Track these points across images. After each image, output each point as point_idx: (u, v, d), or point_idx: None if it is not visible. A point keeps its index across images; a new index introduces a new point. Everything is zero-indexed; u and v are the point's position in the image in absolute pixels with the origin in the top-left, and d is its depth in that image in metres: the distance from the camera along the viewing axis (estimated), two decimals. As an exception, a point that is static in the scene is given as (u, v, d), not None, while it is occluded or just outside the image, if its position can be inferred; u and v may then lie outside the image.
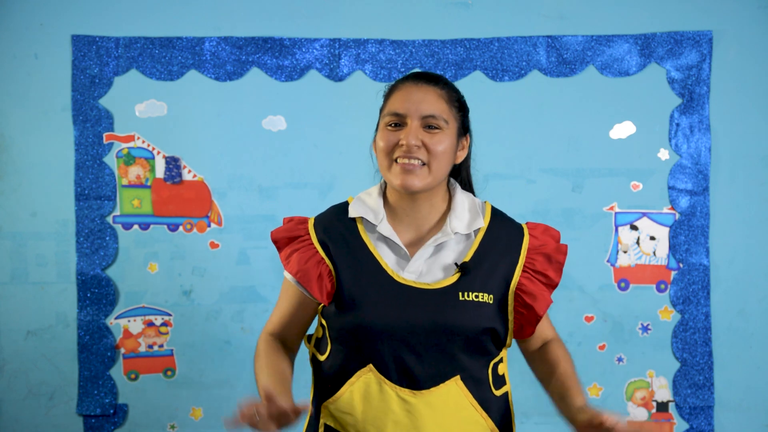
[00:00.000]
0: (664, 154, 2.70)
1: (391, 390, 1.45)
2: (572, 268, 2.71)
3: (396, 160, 1.45)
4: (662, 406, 2.72)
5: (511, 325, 1.50)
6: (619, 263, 2.71)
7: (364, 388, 1.47)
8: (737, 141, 2.70)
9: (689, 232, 2.69)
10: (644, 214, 2.71)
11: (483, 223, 1.51)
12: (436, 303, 1.44)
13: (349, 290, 1.46)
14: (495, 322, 1.47)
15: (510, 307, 1.49)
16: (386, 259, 1.49)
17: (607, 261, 2.71)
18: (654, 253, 2.71)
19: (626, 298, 2.71)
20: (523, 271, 1.49)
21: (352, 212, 1.52)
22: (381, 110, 1.54)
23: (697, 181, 2.69)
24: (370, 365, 1.46)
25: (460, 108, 1.53)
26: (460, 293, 1.44)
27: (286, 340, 1.59)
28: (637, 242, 2.71)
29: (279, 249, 1.55)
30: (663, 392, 2.72)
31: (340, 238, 1.51)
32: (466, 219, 1.51)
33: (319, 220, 1.56)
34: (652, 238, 2.70)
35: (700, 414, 2.71)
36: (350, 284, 1.47)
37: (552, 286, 1.51)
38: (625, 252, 2.71)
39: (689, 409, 2.71)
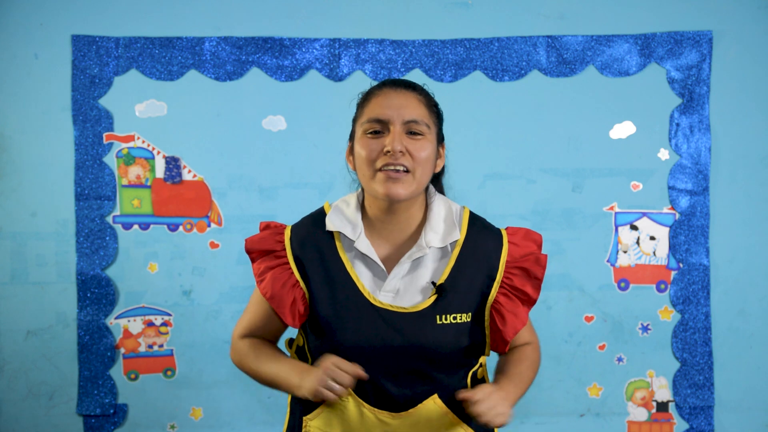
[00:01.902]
0: (664, 154, 2.70)
1: (370, 413, 1.45)
2: (572, 268, 2.71)
3: (380, 169, 1.40)
4: (662, 406, 2.72)
5: (487, 339, 1.48)
6: (619, 263, 2.71)
7: (344, 411, 1.46)
8: (737, 141, 2.70)
9: (689, 232, 2.69)
10: (644, 214, 2.71)
11: (459, 235, 1.46)
12: (414, 327, 1.41)
13: (325, 314, 1.43)
14: (473, 337, 1.45)
15: (486, 323, 1.46)
16: (363, 278, 1.45)
17: (607, 261, 2.71)
18: (654, 253, 2.71)
19: (626, 298, 2.71)
20: (501, 287, 1.45)
21: (330, 225, 1.47)
22: (355, 119, 1.50)
23: (697, 181, 2.69)
24: (349, 389, 1.42)
25: (438, 114, 1.50)
26: (438, 317, 1.41)
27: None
28: (637, 242, 2.71)
29: (252, 260, 1.51)
30: (663, 392, 2.72)
31: (317, 255, 1.46)
32: (441, 230, 1.46)
33: (295, 232, 1.50)
34: (652, 238, 2.70)
35: (700, 414, 2.71)
36: (325, 307, 1.44)
37: (530, 302, 1.47)
38: (625, 252, 2.71)
39: (689, 409, 2.71)
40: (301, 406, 1.53)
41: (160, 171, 2.67)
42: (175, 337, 2.70)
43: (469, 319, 1.43)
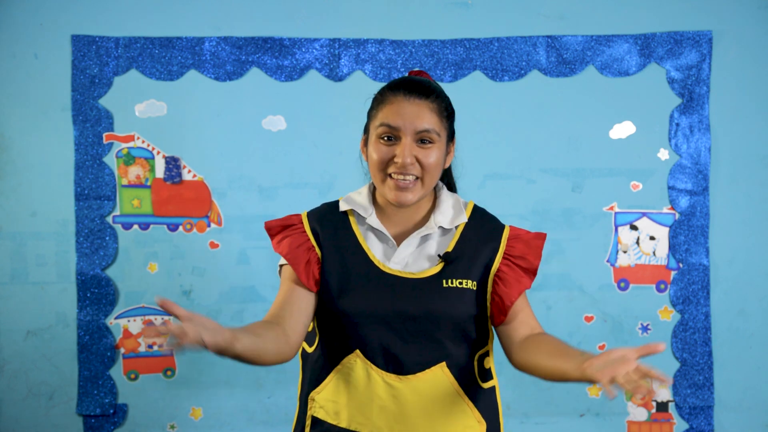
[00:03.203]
0: (663, 154, 2.70)
1: (377, 375, 1.48)
2: (572, 268, 2.71)
3: (390, 176, 1.48)
4: (662, 406, 2.72)
5: (488, 312, 1.53)
6: (619, 263, 2.71)
7: (351, 374, 1.50)
8: (737, 141, 2.70)
9: (689, 232, 2.69)
10: (644, 214, 2.71)
11: (465, 218, 1.55)
12: (421, 290, 1.48)
13: (335, 278, 1.50)
14: (478, 308, 1.51)
15: (488, 293, 1.52)
16: (374, 250, 1.53)
17: (607, 261, 2.71)
18: (654, 253, 2.71)
19: (626, 298, 2.71)
20: (503, 258, 1.52)
21: (343, 206, 1.57)
22: (370, 114, 1.55)
23: (697, 181, 2.69)
24: (357, 351, 1.49)
25: (449, 116, 1.55)
26: (444, 281, 1.48)
27: (285, 325, 1.49)
28: (637, 242, 2.71)
29: (272, 237, 1.59)
30: (663, 392, 2.72)
31: (331, 228, 1.55)
32: (450, 215, 1.56)
33: (312, 212, 1.60)
34: (652, 238, 2.71)
35: (700, 414, 2.71)
36: (337, 272, 1.50)
37: (531, 270, 1.54)
38: (624, 252, 2.71)
39: (689, 409, 2.71)
40: (308, 386, 1.57)
41: (160, 171, 2.67)
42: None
43: (474, 288, 1.50)
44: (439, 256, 1.51)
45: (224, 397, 2.71)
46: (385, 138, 1.49)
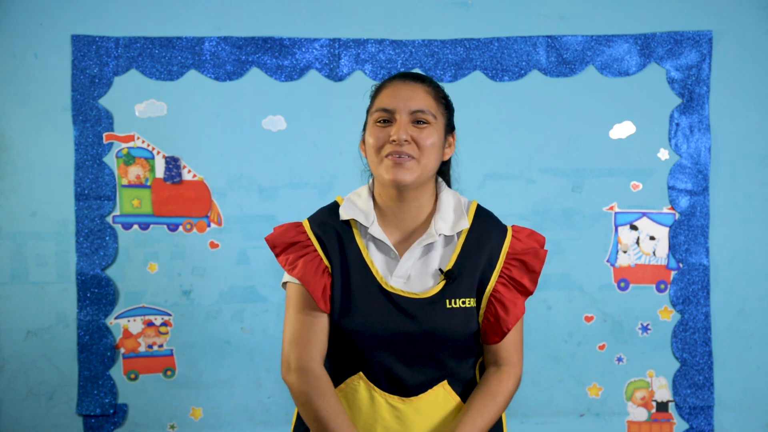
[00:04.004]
0: (663, 154, 2.70)
1: (381, 397, 1.47)
2: (572, 268, 2.71)
3: (387, 156, 1.47)
4: (662, 406, 2.72)
5: (479, 328, 1.51)
6: (619, 263, 2.71)
7: (354, 395, 1.49)
8: (737, 141, 2.70)
9: (689, 232, 2.69)
10: (644, 214, 2.71)
11: (467, 224, 1.51)
12: (424, 312, 1.45)
13: (339, 296, 1.48)
14: (477, 323, 1.49)
15: (481, 311, 1.49)
16: (377, 262, 1.50)
17: (607, 261, 2.71)
18: (654, 253, 2.71)
19: (626, 298, 2.71)
20: (500, 276, 1.49)
21: (344, 215, 1.53)
22: (368, 110, 1.56)
23: (697, 181, 2.69)
24: (360, 373, 1.48)
25: (447, 105, 1.55)
26: (447, 301, 1.46)
27: (322, 354, 1.50)
28: (637, 242, 2.71)
29: (278, 254, 1.54)
30: (663, 392, 2.72)
31: (336, 241, 1.51)
32: (451, 220, 1.52)
33: (313, 220, 1.56)
34: (652, 238, 2.70)
35: (700, 414, 2.71)
36: (340, 290, 1.48)
37: (527, 293, 1.51)
38: (624, 252, 2.71)
39: (689, 409, 2.71)
40: None
41: (160, 171, 2.67)
42: (175, 337, 2.70)
43: (474, 304, 1.48)
44: (440, 271, 1.48)
45: (224, 397, 2.71)
46: (381, 122, 1.49)
